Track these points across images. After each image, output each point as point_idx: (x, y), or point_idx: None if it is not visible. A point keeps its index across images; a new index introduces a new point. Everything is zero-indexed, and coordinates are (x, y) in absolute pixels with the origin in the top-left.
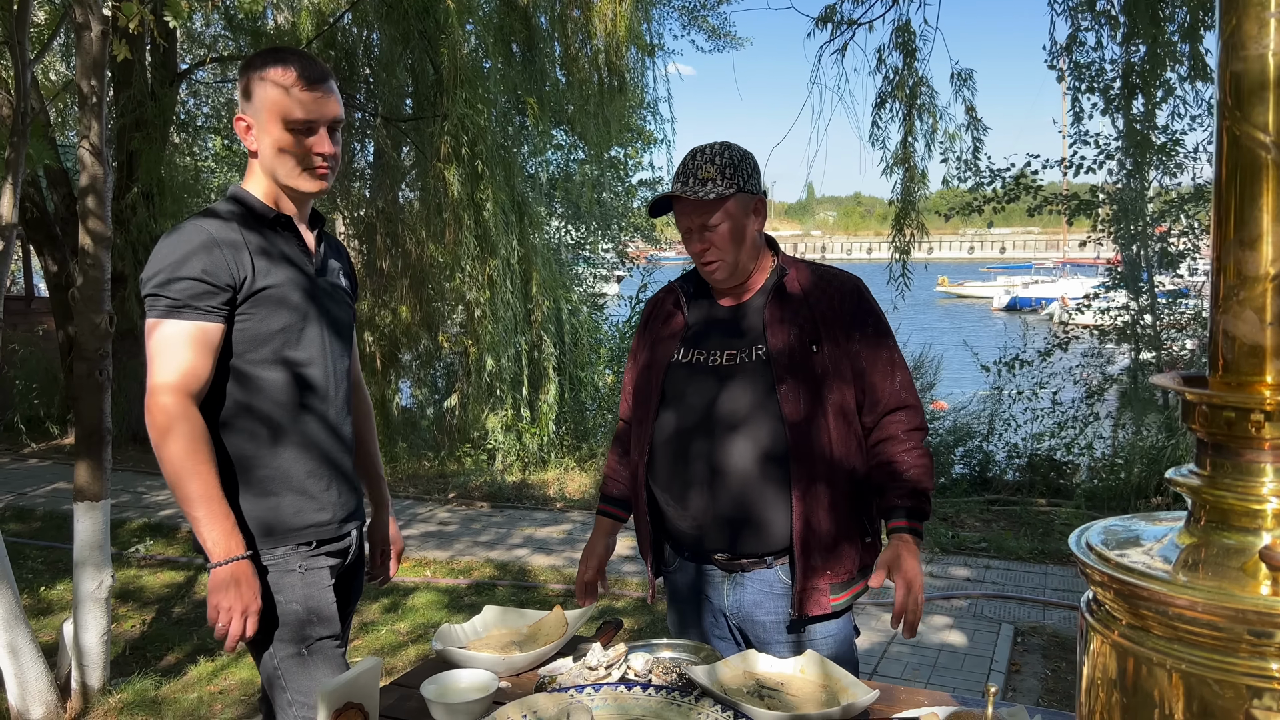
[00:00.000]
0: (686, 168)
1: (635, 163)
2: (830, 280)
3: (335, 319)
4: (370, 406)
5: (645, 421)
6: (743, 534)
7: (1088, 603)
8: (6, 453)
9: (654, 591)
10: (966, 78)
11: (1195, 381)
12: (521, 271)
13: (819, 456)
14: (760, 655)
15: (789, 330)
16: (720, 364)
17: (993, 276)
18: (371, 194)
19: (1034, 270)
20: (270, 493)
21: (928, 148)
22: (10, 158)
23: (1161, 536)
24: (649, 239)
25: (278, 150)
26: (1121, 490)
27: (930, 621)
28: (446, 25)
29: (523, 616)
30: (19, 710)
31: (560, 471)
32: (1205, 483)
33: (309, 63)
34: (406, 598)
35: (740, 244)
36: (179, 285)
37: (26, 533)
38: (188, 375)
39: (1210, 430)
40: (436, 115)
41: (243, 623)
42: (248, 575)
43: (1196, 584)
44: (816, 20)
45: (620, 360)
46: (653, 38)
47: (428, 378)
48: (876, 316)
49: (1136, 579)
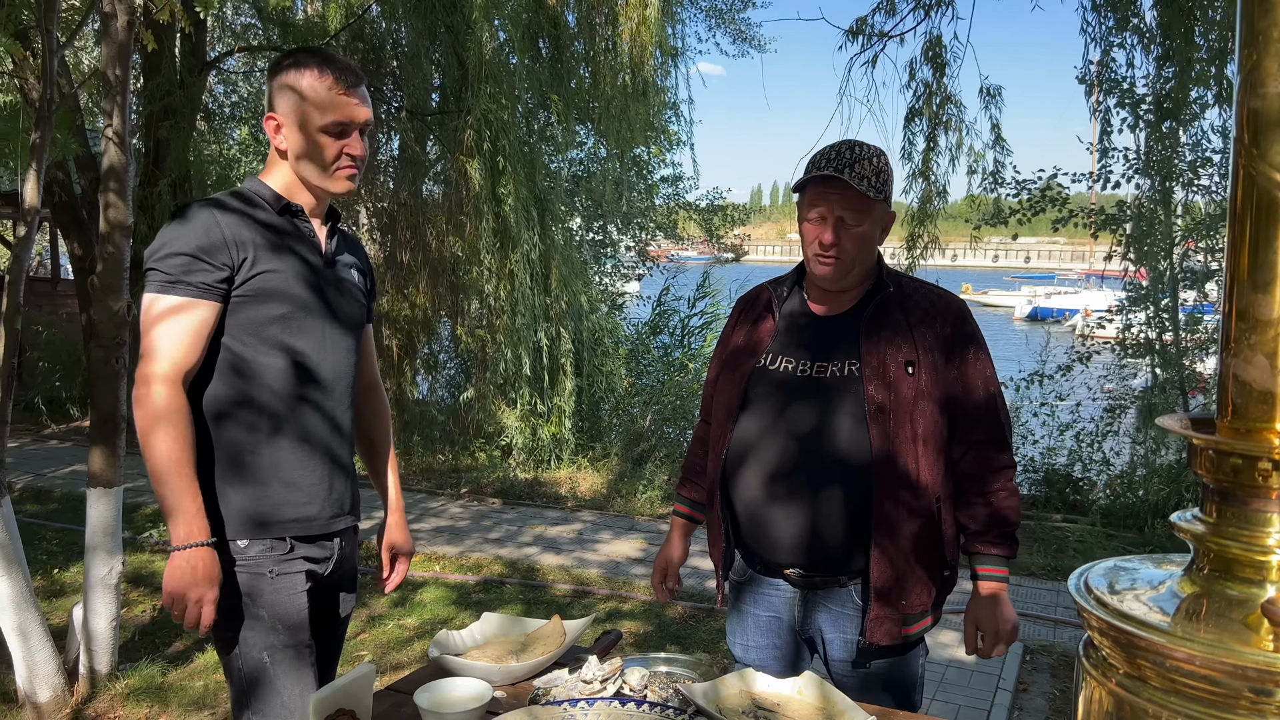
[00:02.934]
0: (843, 156)
1: (659, 160)
2: (935, 301)
3: (340, 312)
4: (386, 407)
5: (725, 425)
6: (817, 553)
7: (1085, 646)
8: (27, 433)
9: (722, 597)
10: (995, 94)
11: (1203, 425)
12: (541, 267)
13: (903, 483)
14: (759, 675)
15: (885, 348)
16: (809, 375)
17: (1017, 286)
18: (395, 187)
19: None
20: (256, 481)
21: (951, 162)
22: (35, 143)
23: (1163, 583)
24: (671, 237)
25: (309, 151)
26: (1138, 509)
27: (938, 637)
28: (473, 20)
29: (521, 624)
30: (26, 693)
31: (573, 470)
32: (1210, 530)
33: (344, 67)
34: (415, 593)
35: (865, 251)
36: (174, 261)
37: (43, 514)
38: (177, 357)
39: (1216, 477)
40: (461, 110)
41: (198, 611)
42: (205, 562)
43: (1196, 636)
44: (847, 32)
45: (638, 362)
46: (677, 40)
47: (444, 371)
48: (978, 344)
49: (1135, 627)
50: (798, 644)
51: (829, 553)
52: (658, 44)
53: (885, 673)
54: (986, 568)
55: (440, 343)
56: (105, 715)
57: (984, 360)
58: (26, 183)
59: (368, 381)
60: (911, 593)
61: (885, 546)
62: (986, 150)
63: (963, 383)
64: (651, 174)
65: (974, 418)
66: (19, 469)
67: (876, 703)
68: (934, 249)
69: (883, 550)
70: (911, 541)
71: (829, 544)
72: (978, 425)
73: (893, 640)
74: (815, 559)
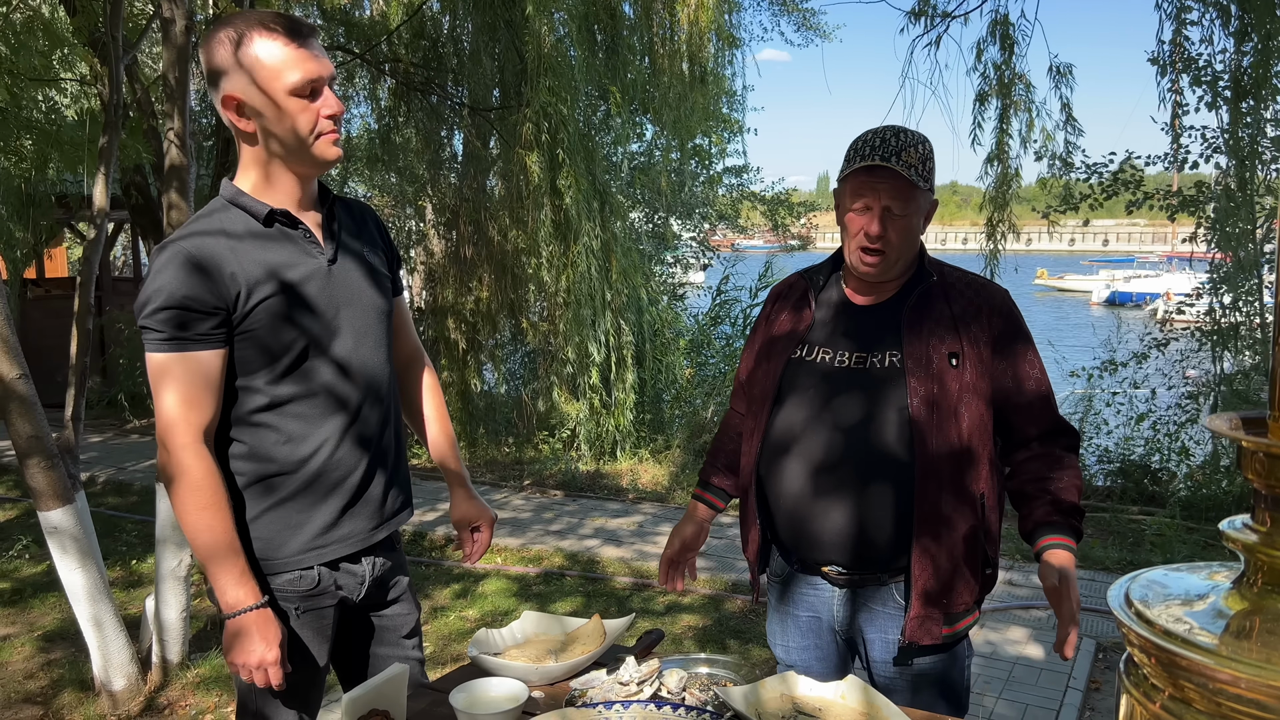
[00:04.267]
0: (888, 143)
1: (719, 150)
2: (980, 290)
3: (359, 310)
4: (434, 377)
5: (759, 418)
6: (858, 551)
7: (1126, 664)
8: (110, 428)
9: (758, 592)
10: (1066, 73)
11: (1255, 425)
12: (601, 259)
13: (946, 478)
14: (801, 678)
15: (929, 339)
16: (848, 366)
17: (1095, 270)
18: (459, 182)
19: (1137, 264)
20: (285, 514)
21: (1023, 144)
22: (103, 147)
23: (1209, 596)
24: (735, 228)
25: (282, 124)
26: (1222, 500)
27: (1005, 633)
28: (529, 15)
29: (561, 623)
30: (102, 681)
31: (634, 462)
32: (1262, 540)
33: (292, 20)
34: (477, 584)
35: (909, 242)
36: (163, 316)
37: (123, 506)
38: (190, 414)
39: (1268, 482)
40: (520, 104)
41: (265, 675)
42: (260, 625)
43: (1242, 657)
44: (909, 14)
45: (700, 353)
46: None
47: (508, 363)
48: (1025, 335)
49: (1178, 645)
50: (839, 645)
51: (870, 550)
52: (715, 30)
53: (929, 671)
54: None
55: (504, 335)
56: (177, 704)
57: (1033, 353)
58: (95, 186)
59: (408, 353)
60: (955, 591)
61: (928, 544)
62: (1057, 131)
63: (1014, 377)
64: (713, 164)
65: (1030, 413)
66: (102, 463)
67: (924, 704)
68: (1011, 234)
69: (925, 548)
70: (955, 538)
71: (870, 541)
72: (1035, 420)
73: (934, 640)
74: (856, 556)
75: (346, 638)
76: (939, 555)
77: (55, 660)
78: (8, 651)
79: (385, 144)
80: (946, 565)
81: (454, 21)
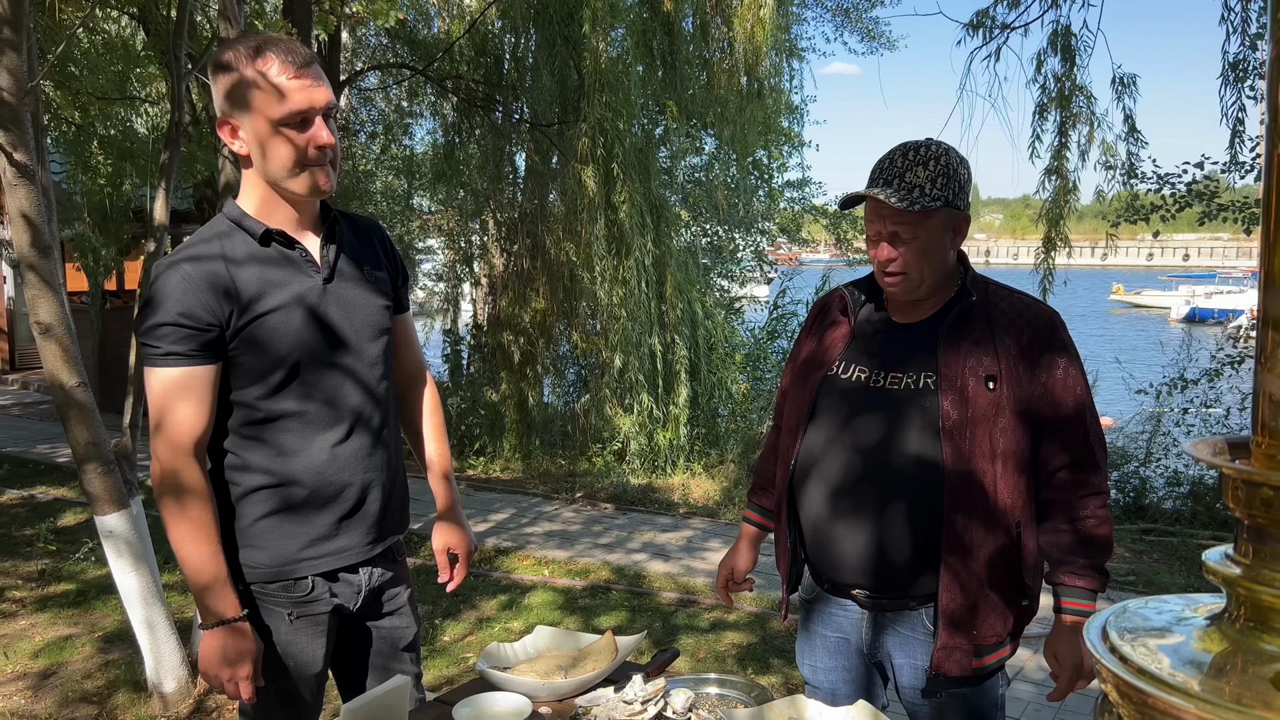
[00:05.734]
0: (894, 165)
1: (780, 164)
2: (1023, 311)
3: (355, 327)
4: (435, 397)
5: (794, 434)
6: (883, 574)
7: (1100, 706)
8: None
9: (786, 610)
10: (1129, 83)
11: (1238, 449)
12: (656, 272)
13: (978, 503)
14: (810, 702)
15: (966, 360)
16: (882, 386)
17: (1174, 285)
18: (521, 197)
19: (1219, 279)
20: (279, 524)
21: (1082, 156)
22: (164, 163)
23: (1191, 629)
24: (797, 241)
25: (272, 152)
26: None
27: None
28: (584, 33)
29: (574, 639)
30: (154, 683)
31: (686, 477)
32: (1244, 573)
33: (289, 46)
34: (524, 596)
35: (932, 262)
36: (160, 332)
37: None
38: (183, 429)
39: (1249, 511)
40: (578, 119)
41: (235, 689)
42: (235, 640)
43: (1216, 699)
44: (967, 25)
45: (757, 367)
46: (796, 40)
47: (563, 376)
48: (1070, 358)
49: (1151, 685)
50: (868, 668)
51: (895, 574)
52: (773, 44)
53: (959, 704)
54: (1070, 600)
55: (559, 348)
56: (225, 706)
57: (1075, 374)
58: (155, 201)
59: (410, 370)
60: (984, 621)
61: (957, 570)
62: (1119, 142)
63: (1050, 398)
64: (774, 177)
65: (1061, 437)
66: None
67: None
68: (1064, 249)
69: (954, 574)
70: (986, 566)
71: (895, 565)
72: (1065, 445)
73: (963, 671)
74: (881, 580)
75: (345, 647)
76: (968, 583)
77: (113, 661)
78: (69, 651)
79: (449, 159)
80: (976, 593)
81: (516, 39)
